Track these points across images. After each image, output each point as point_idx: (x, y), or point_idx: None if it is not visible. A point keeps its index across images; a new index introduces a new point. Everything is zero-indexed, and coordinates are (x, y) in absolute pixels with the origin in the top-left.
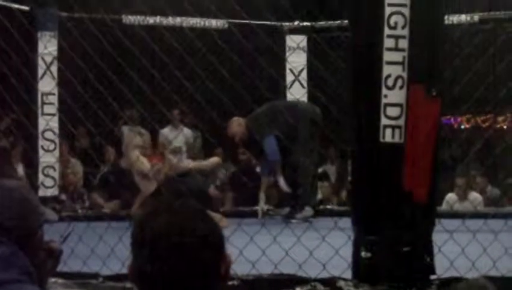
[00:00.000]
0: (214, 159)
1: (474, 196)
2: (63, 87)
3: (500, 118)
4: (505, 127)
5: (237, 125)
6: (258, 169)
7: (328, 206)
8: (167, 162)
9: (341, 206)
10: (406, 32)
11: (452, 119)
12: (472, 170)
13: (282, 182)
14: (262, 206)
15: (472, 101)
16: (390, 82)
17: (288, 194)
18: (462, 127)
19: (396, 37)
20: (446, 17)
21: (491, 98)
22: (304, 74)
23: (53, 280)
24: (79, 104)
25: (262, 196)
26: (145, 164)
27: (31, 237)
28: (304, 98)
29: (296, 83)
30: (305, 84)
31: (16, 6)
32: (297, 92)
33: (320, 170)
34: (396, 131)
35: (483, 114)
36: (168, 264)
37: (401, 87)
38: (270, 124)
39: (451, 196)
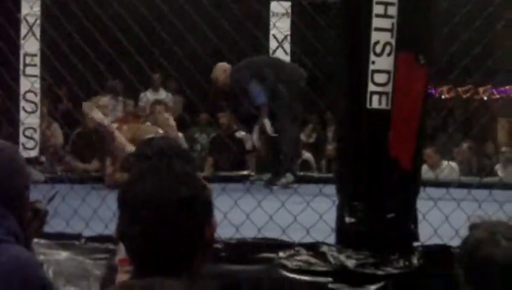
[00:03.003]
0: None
1: (445, 164)
2: (47, 48)
3: (481, 89)
4: (485, 98)
5: (222, 70)
6: (237, 134)
7: (309, 173)
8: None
9: (321, 173)
10: None
11: (433, 90)
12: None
13: (267, 124)
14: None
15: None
16: (378, 49)
17: (270, 158)
18: (443, 97)
19: (386, 4)
20: None
21: (474, 69)
22: (288, 41)
23: (35, 240)
24: (61, 66)
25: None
26: (123, 139)
27: (18, 198)
28: None
29: (280, 50)
30: (288, 51)
31: None
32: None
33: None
34: (383, 97)
35: (464, 85)
36: (146, 227)
37: (389, 54)
38: (254, 75)
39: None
